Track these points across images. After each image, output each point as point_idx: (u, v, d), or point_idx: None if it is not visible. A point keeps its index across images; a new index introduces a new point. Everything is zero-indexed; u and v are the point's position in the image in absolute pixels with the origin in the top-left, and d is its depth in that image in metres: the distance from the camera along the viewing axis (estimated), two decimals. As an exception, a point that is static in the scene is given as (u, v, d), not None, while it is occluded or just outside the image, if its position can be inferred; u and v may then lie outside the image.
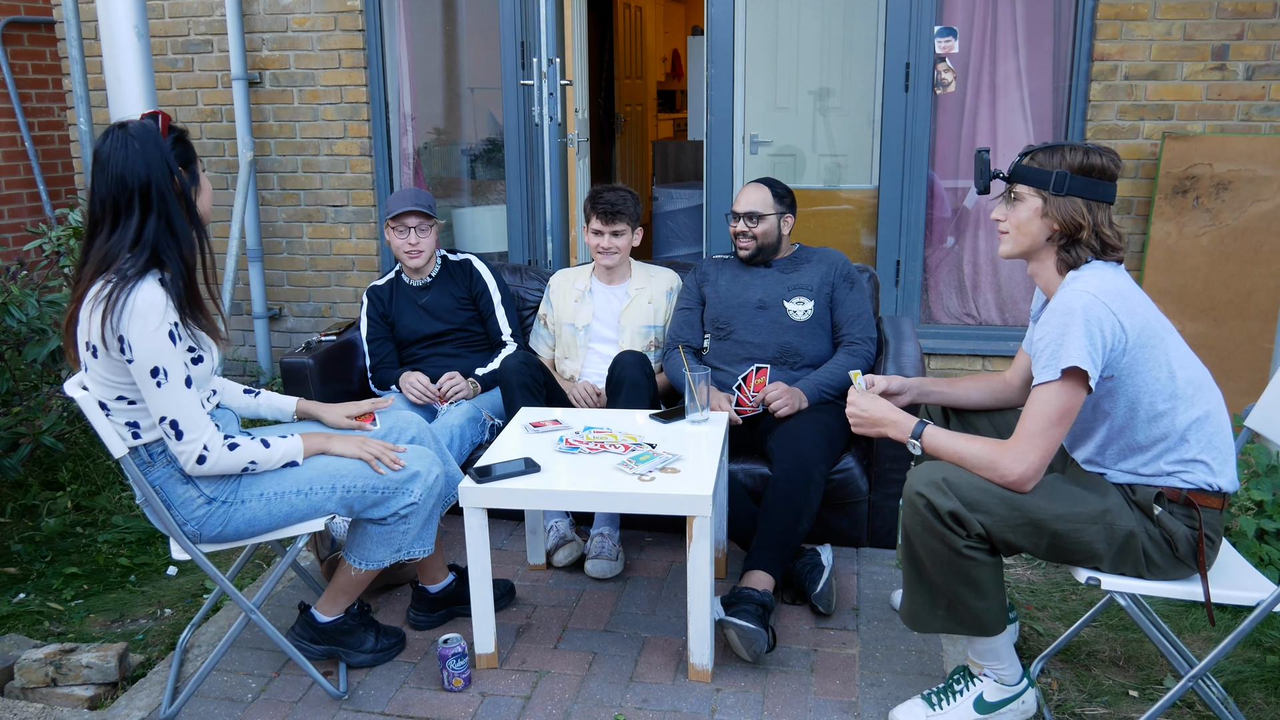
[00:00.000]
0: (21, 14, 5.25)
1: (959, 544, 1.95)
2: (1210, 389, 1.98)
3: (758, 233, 3.06)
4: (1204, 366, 2.00)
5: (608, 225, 3.18)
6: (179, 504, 2.12)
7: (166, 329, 1.95)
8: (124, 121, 1.98)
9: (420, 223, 3.22)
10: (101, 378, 2.01)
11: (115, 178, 1.93)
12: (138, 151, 1.93)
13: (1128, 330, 1.89)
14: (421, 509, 2.28)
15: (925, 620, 2.08)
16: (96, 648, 2.41)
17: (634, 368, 2.96)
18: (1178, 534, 1.93)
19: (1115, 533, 1.93)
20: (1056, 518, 1.93)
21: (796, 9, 4.26)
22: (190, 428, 2.02)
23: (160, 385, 1.97)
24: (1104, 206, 1.96)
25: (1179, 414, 1.93)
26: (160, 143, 1.95)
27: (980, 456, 1.96)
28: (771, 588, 2.54)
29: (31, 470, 3.52)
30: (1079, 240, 1.96)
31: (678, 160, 7.98)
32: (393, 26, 4.58)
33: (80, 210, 3.42)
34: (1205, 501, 1.94)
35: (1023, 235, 2.01)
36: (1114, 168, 1.96)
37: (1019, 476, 1.92)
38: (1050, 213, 1.96)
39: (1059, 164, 1.95)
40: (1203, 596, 1.95)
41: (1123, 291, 1.91)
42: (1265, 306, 3.81)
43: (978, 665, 2.16)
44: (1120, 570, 1.96)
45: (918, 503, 1.97)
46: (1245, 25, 3.78)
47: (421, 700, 2.31)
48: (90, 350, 1.98)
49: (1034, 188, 1.98)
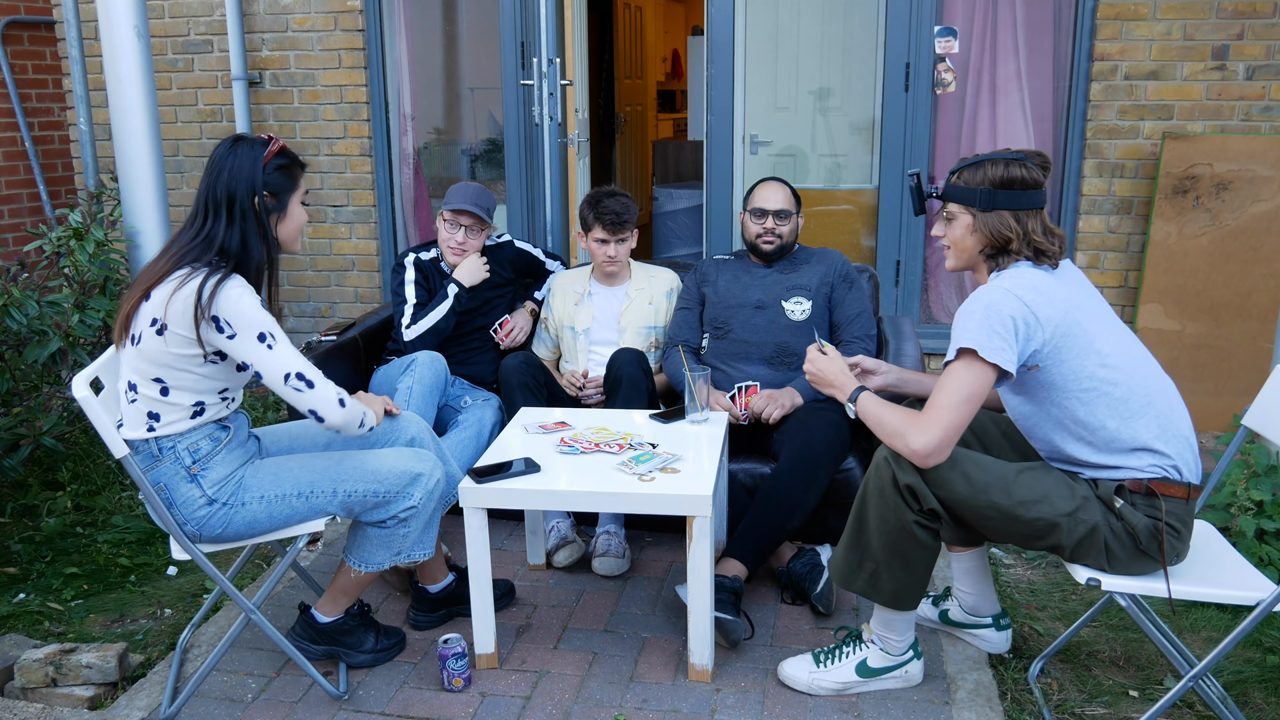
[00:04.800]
0: (21, 14, 5.25)
1: (908, 517, 2.05)
2: (1155, 376, 2.02)
3: (784, 231, 3.07)
4: (1150, 355, 2.05)
5: (614, 235, 3.17)
6: (181, 503, 2.12)
7: (259, 302, 2.08)
8: (243, 135, 2.14)
9: (473, 224, 3.21)
10: (152, 355, 2.05)
11: (210, 183, 2.09)
12: (235, 165, 2.08)
13: (1042, 319, 1.95)
14: (422, 512, 2.28)
15: (848, 577, 2.19)
16: (96, 648, 2.41)
17: (631, 365, 2.96)
18: (1139, 526, 1.96)
19: (1078, 525, 1.97)
20: (1019, 504, 1.99)
21: (796, 9, 4.26)
22: (317, 376, 2.11)
23: (271, 347, 2.06)
24: (1034, 213, 2.04)
25: (1119, 402, 1.97)
26: (256, 163, 2.09)
27: (893, 426, 2.04)
28: (745, 576, 2.58)
29: (31, 470, 3.52)
30: (1010, 251, 2.04)
31: (678, 160, 7.98)
32: (393, 26, 4.58)
33: (80, 210, 3.43)
34: (1168, 491, 1.97)
35: (960, 251, 2.11)
36: (1035, 175, 2.03)
37: (920, 448, 1.98)
38: (979, 229, 2.05)
39: (982, 180, 2.04)
40: (1197, 596, 1.98)
41: (1038, 286, 1.98)
42: (1265, 306, 3.81)
43: (869, 632, 2.29)
44: (1082, 562, 2.01)
45: (883, 470, 2.06)
46: (1245, 25, 3.78)
47: (421, 700, 2.31)
48: (157, 327, 2.03)
49: (963, 205, 2.07)
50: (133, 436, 2.10)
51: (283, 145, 2.16)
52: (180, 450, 2.11)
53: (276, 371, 2.07)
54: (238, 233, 2.08)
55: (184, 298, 2.00)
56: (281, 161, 2.15)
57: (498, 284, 3.37)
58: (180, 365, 2.06)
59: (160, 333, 2.03)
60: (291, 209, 2.20)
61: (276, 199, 2.15)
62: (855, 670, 2.28)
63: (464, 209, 3.16)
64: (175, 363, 2.05)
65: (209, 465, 2.14)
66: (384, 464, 2.24)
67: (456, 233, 3.21)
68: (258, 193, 2.09)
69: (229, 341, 2.03)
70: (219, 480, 2.14)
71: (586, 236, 3.21)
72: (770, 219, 3.06)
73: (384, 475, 2.23)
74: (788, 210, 3.06)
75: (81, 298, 3.21)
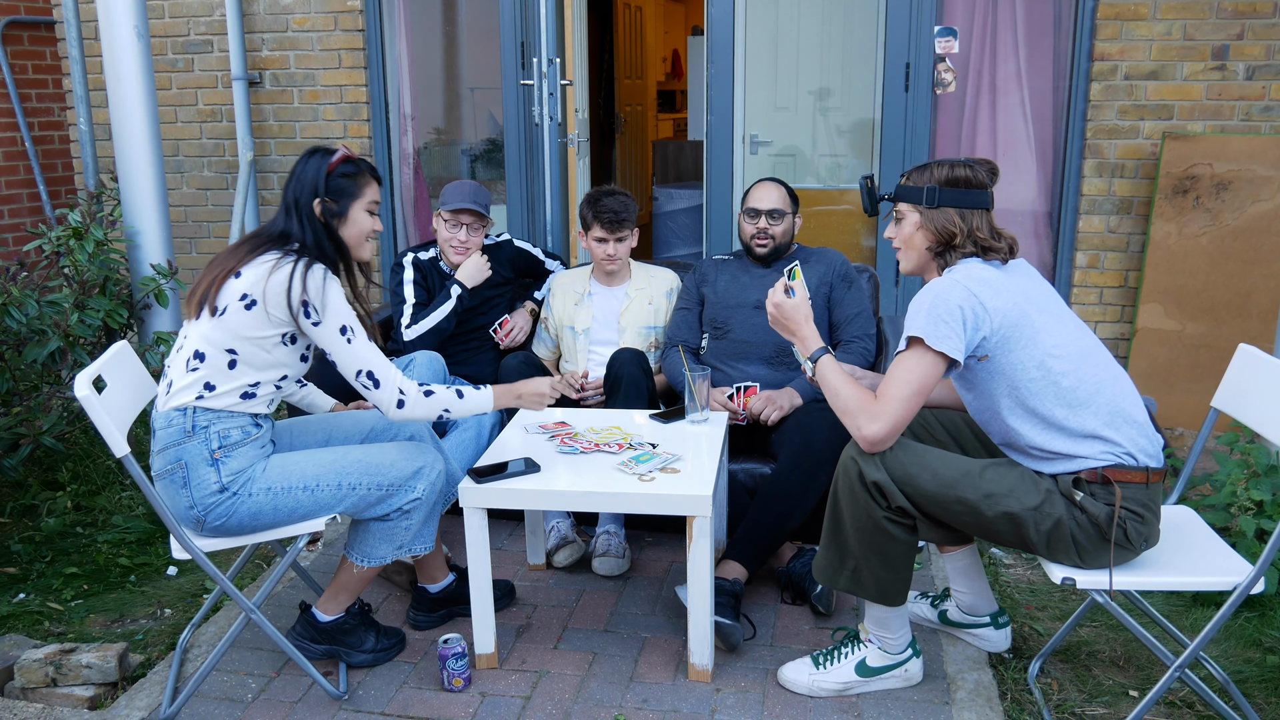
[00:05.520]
0: (21, 14, 5.25)
1: (879, 514, 2.08)
2: (1105, 365, 2.06)
3: (777, 231, 3.06)
4: (1100, 345, 2.10)
5: (613, 234, 3.17)
6: (196, 484, 2.16)
7: (346, 295, 2.24)
8: (320, 146, 2.32)
9: (474, 221, 3.21)
10: (234, 327, 2.14)
11: (286, 186, 2.27)
12: (304, 171, 2.26)
13: (990, 309, 1.99)
14: (424, 504, 2.30)
15: (831, 576, 2.21)
16: (96, 648, 2.41)
17: (631, 364, 2.96)
18: (1100, 516, 1.98)
19: (1043, 519, 2.00)
20: (984, 498, 2.03)
21: (796, 9, 4.26)
22: (384, 376, 2.23)
23: (350, 341, 2.19)
24: (979, 213, 2.11)
25: (1067, 391, 2.01)
26: (319, 171, 2.25)
27: (847, 405, 2.08)
28: (745, 578, 2.58)
29: (31, 470, 3.52)
30: (955, 247, 2.10)
31: (678, 160, 7.98)
32: (393, 26, 4.58)
33: (80, 210, 3.43)
34: (1124, 477, 1.99)
35: (910, 249, 2.18)
36: (980, 177, 2.12)
37: (870, 434, 2.03)
38: (926, 225, 2.12)
39: (929, 180, 2.13)
40: (1173, 585, 2.04)
41: (986, 279, 2.03)
42: (1265, 306, 3.81)
43: (866, 631, 2.29)
44: (1057, 559, 2.04)
45: (850, 467, 2.10)
46: (1245, 25, 3.78)
47: (421, 700, 2.31)
48: (247, 302, 2.13)
49: (912, 204, 2.14)
50: (180, 403, 2.17)
51: (348, 155, 2.30)
52: (212, 433, 2.17)
53: (351, 365, 2.21)
54: (310, 233, 2.23)
55: (280, 279, 2.13)
56: (347, 169, 2.29)
57: (497, 284, 3.37)
58: (256, 342, 2.17)
59: (249, 308, 2.14)
60: (353, 215, 2.30)
61: (338, 204, 2.27)
62: (855, 670, 2.28)
63: (463, 207, 3.16)
64: (253, 338, 2.16)
65: (232, 454, 2.18)
66: (387, 457, 2.28)
67: (458, 231, 3.21)
68: (319, 197, 2.24)
69: (313, 327, 2.17)
70: (235, 471, 2.18)
71: (586, 235, 3.21)
72: (764, 219, 3.05)
73: (387, 468, 2.26)
74: (781, 210, 3.06)
75: (81, 297, 3.21)
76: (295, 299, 2.13)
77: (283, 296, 2.13)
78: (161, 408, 2.20)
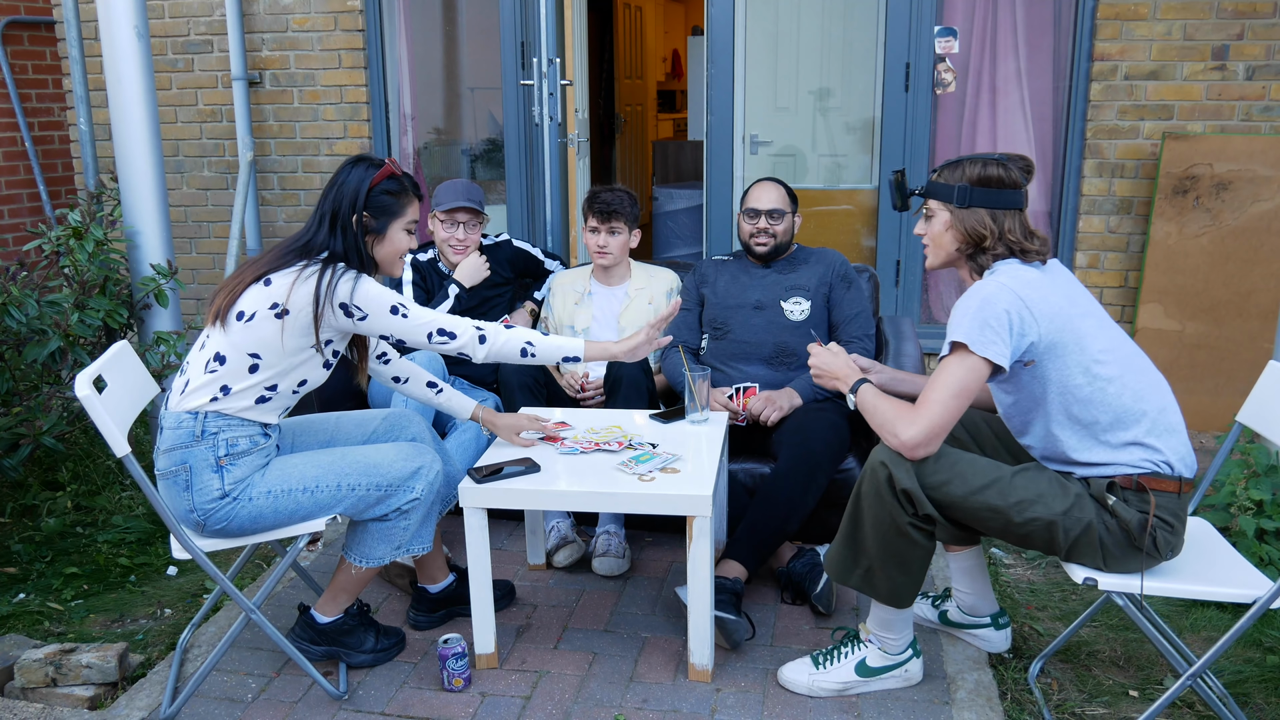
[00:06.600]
0: (21, 14, 5.25)
1: (903, 520, 2.05)
2: (1147, 372, 2.04)
3: (778, 230, 3.07)
4: (1141, 352, 2.07)
5: (604, 224, 3.18)
6: (199, 488, 2.16)
7: (380, 280, 2.26)
8: (366, 156, 2.28)
9: (470, 219, 3.22)
10: (260, 334, 2.14)
11: (326, 193, 2.24)
12: (346, 181, 2.22)
13: (1037, 314, 1.96)
14: (422, 504, 2.30)
15: (843, 573, 2.20)
16: (96, 648, 2.41)
17: (631, 364, 2.96)
18: (1131, 521, 1.96)
19: (1073, 524, 1.98)
20: (1014, 505, 2.00)
21: (796, 9, 4.26)
22: (453, 325, 2.26)
23: (406, 316, 2.22)
24: (1011, 213, 2.06)
25: (1113, 398, 1.98)
26: (362, 184, 2.21)
27: (885, 416, 2.06)
28: (745, 578, 2.58)
29: (31, 470, 3.52)
30: (985, 249, 2.06)
31: (678, 160, 7.98)
32: (393, 26, 4.58)
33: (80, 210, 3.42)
34: (1159, 485, 1.98)
35: (939, 248, 2.14)
36: (1014, 175, 2.06)
37: (908, 440, 2.00)
38: (955, 225, 2.08)
39: (960, 178, 2.08)
40: (1194, 595, 2.00)
41: (1032, 282, 2.00)
42: (1265, 306, 3.81)
43: (867, 631, 2.29)
44: (1078, 561, 2.02)
45: (879, 471, 2.06)
46: (1245, 25, 3.78)
47: (421, 700, 2.31)
48: (277, 310, 2.13)
49: (942, 202, 2.11)
50: (193, 405, 2.16)
51: (394, 172, 2.25)
52: (220, 440, 2.16)
53: (419, 333, 2.23)
54: (340, 243, 2.20)
55: (308, 289, 2.13)
56: (391, 186, 2.25)
57: (496, 283, 3.37)
58: (283, 348, 2.16)
59: (279, 316, 2.13)
60: (391, 234, 2.28)
61: (377, 221, 2.24)
62: (855, 670, 2.28)
63: (458, 206, 3.17)
64: (281, 345, 2.15)
65: (237, 463, 2.18)
66: (386, 457, 2.28)
67: (455, 230, 3.21)
68: (358, 211, 2.20)
69: (361, 323, 2.19)
70: (238, 479, 2.18)
71: (586, 230, 3.24)
72: (763, 218, 3.05)
73: (386, 469, 2.26)
74: (780, 210, 3.06)
75: (81, 297, 3.21)
76: (334, 303, 2.14)
77: (310, 305, 2.13)
78: (173, 407, 2.19)
